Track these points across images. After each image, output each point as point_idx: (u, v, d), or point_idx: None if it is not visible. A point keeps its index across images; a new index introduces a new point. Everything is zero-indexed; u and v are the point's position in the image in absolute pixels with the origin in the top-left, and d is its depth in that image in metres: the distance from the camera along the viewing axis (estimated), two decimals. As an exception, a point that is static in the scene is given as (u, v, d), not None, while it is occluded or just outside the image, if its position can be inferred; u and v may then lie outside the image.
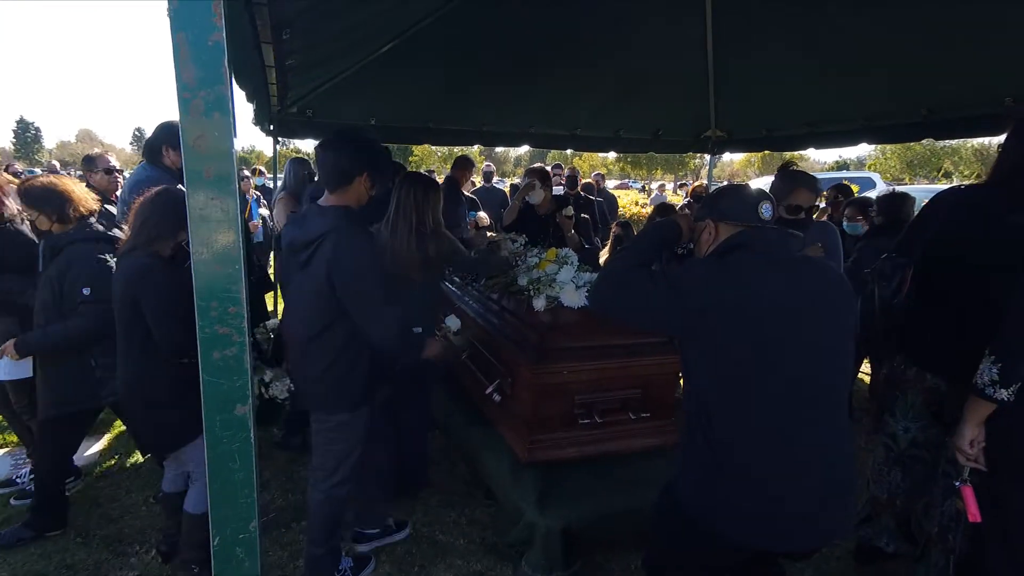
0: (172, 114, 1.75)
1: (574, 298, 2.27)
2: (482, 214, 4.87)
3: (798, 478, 1.30)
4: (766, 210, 1.46)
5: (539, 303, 2.31)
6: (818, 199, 2.29)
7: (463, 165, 5.26)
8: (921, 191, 10.16)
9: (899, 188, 13.44)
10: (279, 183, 4.34)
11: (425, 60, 3.90)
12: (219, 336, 1.00)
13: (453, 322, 2.37)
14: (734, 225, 1.47)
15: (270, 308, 4.97)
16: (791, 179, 2.33)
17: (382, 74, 3.88)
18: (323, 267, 1.78)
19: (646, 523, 1.65)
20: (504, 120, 4.98)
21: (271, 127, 4.30)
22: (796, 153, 6.12)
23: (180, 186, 2.17)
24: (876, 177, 12.44)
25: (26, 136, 74.21)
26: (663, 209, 4.65)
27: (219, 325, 1.00)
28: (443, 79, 4.25)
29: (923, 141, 4.29)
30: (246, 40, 1.77)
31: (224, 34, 0.94)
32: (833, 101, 4.30)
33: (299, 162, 4.09)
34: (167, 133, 2.63)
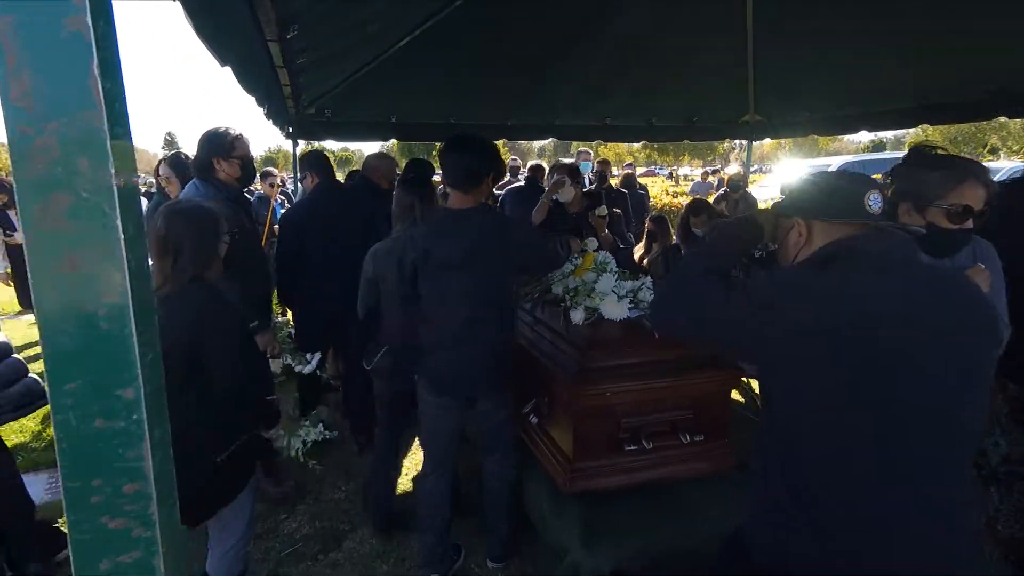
0: (203, 117, 1.63)
1: (616, 310, 2.06)
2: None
3: (907, 532, 1.07)
4: (874, 201, 1.16)
5: (577, 315, 2.11)
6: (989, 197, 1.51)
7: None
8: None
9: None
10: (299, 187, 4.19)
11: (444, 54, 3.71)
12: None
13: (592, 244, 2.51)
14: (832, 223, 1.19)
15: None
16: (953, 168, 1.53)
17: (400, 70, 3.71)
18: (500, 248, 1.96)
19: (704, 563, 1.44)
20: (529, 113, 4.76)
21: (290, 129, 4.16)
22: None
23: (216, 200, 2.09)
24: (922, 157, 11.74)
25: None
26: (697, 208, 4.37)
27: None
28: (463, 73, 4.06)
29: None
30: (249, 37, 1.60)
31: (89, 18, 0.51)
32: (885, 80, 3.97)
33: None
34: (215, 144, 2.39)
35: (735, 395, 2.82)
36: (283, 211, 5.74)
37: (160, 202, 2.44)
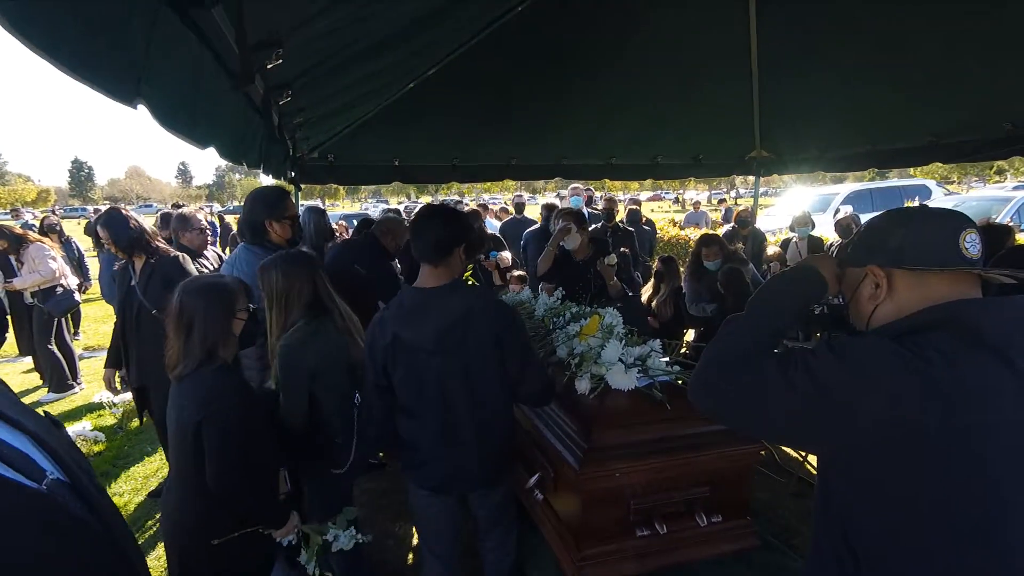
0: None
1: (624, 380, 1.94)
2: (505, 254, 4.49)
3: None
4: (971, 243, 0.92)
5: (583, 385, 1.99)
6: None
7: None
8: (978, 202, 9.30)
9: (950, 194, 12.45)
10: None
11: (448, 98, 3.70)
12: None
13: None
14: (920, 273, 0.95)
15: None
16: None
17: (404, 115, 3.69)
18: (490, 334, 1.72)
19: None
20: (533, 153, 4.72)
21: (292, 175, 4.13)
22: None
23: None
24: (931, 184, 11.60)
25: (80, 175, 78.71)
26: (708, 240, 4.26)
27: None
28: (467, 116, 4.04)
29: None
30: (235, 113, 1.53)
31: None
32: (896, 117, 3.90)
33: (318, 212, 3.86)
34: (266, 206, 2.38)
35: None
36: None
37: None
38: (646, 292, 4.55)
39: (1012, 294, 0.92)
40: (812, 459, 3.24)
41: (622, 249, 3.85)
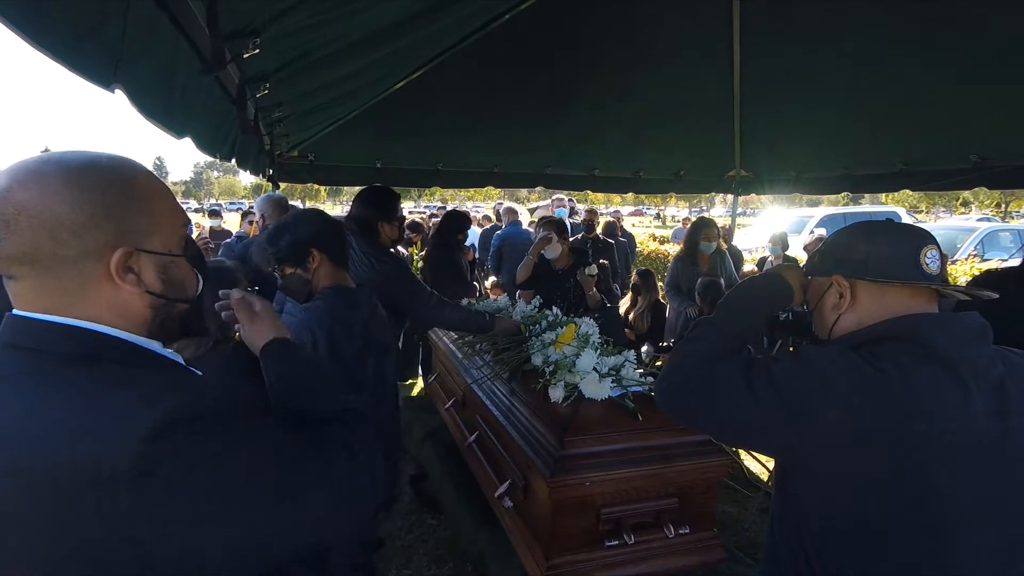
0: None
1: (597, 390, 1.93)
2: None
3: None
4: (931, 259, 0.96)
5: (556, 393, 1.98)
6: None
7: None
8: (944, 231, 9.66)
9: (918, 223, 12.98)
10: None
11: (432, 101, 3.69)
12: None
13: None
14: (881, 285, 0.99)
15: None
16: None
17: (387, 116, 3.66)
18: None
19: None
20: (518, 161, 4.74)
21: (271, 172, 4.07)
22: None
23: None
24: (901, 212, 11.99)
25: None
26: (706, 222, 4.31)
27: None
28: (452, 120, 4.04)
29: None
30: (210, 104, 1.49)
31: None
32: (870, 143, 4.02)
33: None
34: (381, 208, 2.45)
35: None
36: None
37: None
38: (624, 305, 4.58)
39: (964, 311, 0.96)
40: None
41: (601, 261, 3.87)
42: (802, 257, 5.70)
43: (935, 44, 2.85)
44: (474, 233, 6.32)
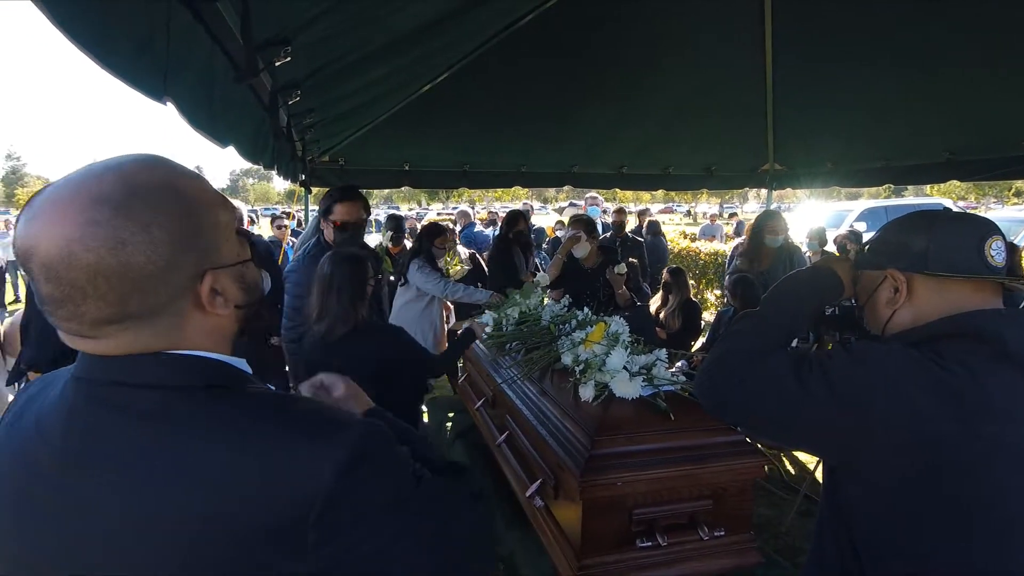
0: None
1: (628, 388, 1.91)
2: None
3: None
4: (996, 251, 0.90)
5: (587, 392, 1.97)
6: None
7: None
8: (997, 223, 9.15)
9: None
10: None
11: (459, 103, 3.72)
12: None
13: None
14: (942, 279, 0.92)
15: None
16: None
17: (414, 119, 3.71)
18: None
19: None
20: (545, 160, 4.73)
21: (303, 177, 4.16)
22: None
23: None
24: (948, 203, 11.47)
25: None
26: (772, 214, 4.03)
27: None
28: (478, 121, 4.06)
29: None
30: (248, 112, 1.54)
31: None
32: (912, 134, 3.87)
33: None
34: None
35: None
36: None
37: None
38: (654, 303, 4.52)
39: None
40: (819, 475, 3.17)
41: (631, 259, 3.83)
42: (834, 251, 5.53)
43: (981, 25, 2.73)
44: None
